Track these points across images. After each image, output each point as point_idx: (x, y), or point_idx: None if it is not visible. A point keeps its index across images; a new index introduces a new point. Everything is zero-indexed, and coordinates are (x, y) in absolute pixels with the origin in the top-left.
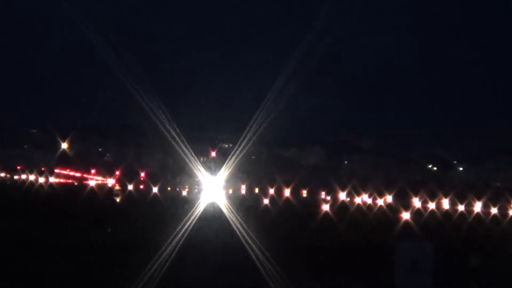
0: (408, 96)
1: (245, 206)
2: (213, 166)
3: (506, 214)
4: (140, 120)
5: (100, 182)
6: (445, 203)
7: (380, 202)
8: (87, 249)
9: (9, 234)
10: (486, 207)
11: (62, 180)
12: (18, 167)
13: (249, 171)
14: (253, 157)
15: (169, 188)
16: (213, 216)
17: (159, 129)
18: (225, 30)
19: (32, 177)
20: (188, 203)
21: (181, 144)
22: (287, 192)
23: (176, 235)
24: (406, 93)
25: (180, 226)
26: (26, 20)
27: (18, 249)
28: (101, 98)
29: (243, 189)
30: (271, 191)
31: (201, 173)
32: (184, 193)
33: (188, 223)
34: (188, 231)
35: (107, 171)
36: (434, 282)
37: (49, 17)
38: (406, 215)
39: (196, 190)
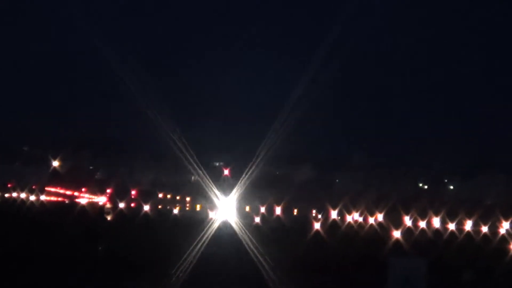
0: (399, 114)
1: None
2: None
3: (497, 232)
4: (138, 137)
5: (91, 200)
6: (436, 221)
7: (371, 220)
8: (77, 265)
9: None
10: (477, 225)
11: (53, 198)
12: (9, 185)
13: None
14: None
15: (160, 206)
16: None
17: (153, 146)
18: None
19: (23, 195)
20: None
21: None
22: (278, 210)
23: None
24: (397, 111)
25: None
26: (14, 37)
27: (5, 267)
28: (95, 115)
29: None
30: (262, 209)
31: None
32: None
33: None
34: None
35: (98, 189)
36: None
37: (38, 34)
38: (397, 233)
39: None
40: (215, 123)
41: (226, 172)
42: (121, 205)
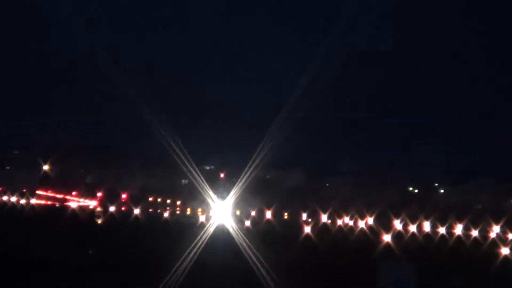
0: (389, 117)
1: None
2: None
3: (487, 236)
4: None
5: (81, 203)
6: (427, 225)
7: (361, 224)
8: (67, 269)
9: None
10: (467, 229)
11: (43, 202)
12: (0, 188)
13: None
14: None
15: (150, 210)
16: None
17: (144, 150)
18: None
19: (13, 199)
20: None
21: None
22: (268, 214)
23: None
24: (387, 114)
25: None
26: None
27: None
28: (86, 119)
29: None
30: (253, 213)
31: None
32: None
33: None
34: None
35: (88, 193)
36: None
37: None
38: (387, 237)
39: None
40: (208, 127)
41: (222, 175)
42: (112, 208)
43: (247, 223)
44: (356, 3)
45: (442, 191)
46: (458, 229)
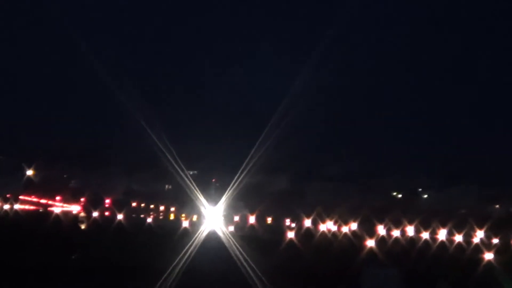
0: (373, 123)
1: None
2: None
3: (470, 241)
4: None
5: (65, 208)
6: (410, 230)
7: (345, 229)
8: (51, 274)
9: None
10: (450, 234)
11: (27, 207)
12: None
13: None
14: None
15: (133, 215)
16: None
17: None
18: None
19: None
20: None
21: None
22: (252, 219)
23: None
24: (371, 120)
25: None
26: None
27: None
28: (70, 124)
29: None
30: (236, 218)
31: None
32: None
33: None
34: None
35: (72, 198)
36: None
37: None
38: (371, 242)
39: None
40: (194, 132)
41: (212, 180)
42: (95, 214)
43: (231, 228)
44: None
45: (425, 196)
46: (442, 234)
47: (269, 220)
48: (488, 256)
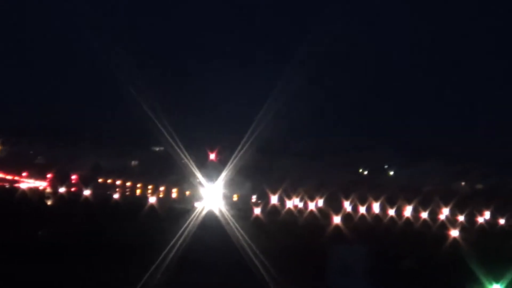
0: (339, 99)
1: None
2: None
3: (436, 218)
4: (80, 122)
5: (31, 185)
6: (376, 207)
7: (311, 206)
8: (17, 250)
9: None
10: (416, 211)
11: None
12: None
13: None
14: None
15: (100, 191)
16: None
17: (94, 130)
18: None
19: None
20: None
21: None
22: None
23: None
24: (337, 96)
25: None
26: None
27: None
28: (35, 100)
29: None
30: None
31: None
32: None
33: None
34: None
35: (38, 174)
36: (366, 284)
37: None
38: (337, 219)
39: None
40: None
41: (212, 156)
42: (62, 190)
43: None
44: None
45: (392, 173)
46: (408, 211)
47: (235, 197)
48: (454, 233)
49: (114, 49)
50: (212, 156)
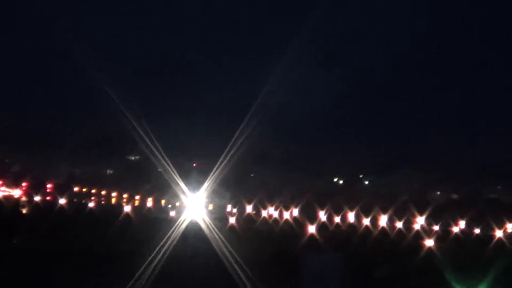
0: (315, 108)
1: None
2: None
3: (411, 227)
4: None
5: (6, 193)
6: (351, 216)
7: (286, 215)
8: None
9: None
10: (391, 220)
11: None
12: None
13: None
14: None
15: (75, 200)
16: None
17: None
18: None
19: None
20: None
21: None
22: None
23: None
24: (313, 105)
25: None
26: None
27: None
28: (11, 107)
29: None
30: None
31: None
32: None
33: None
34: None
35: (13, 182)
36: None
37: None
38: (312, 228)
39: None
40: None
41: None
42: (37, 198)
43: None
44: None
45: (367, 182)
46: (383, 220)
47: (211, 206)
48: (429, 243)
49: (91, 57)
50: (190, 166)
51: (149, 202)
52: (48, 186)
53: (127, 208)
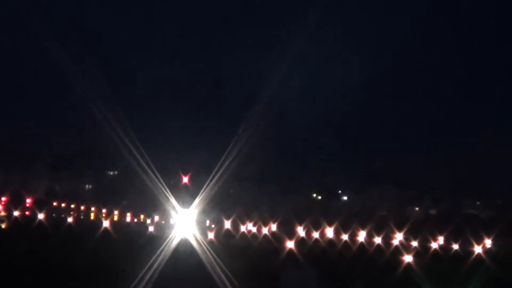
0: (293, 125)
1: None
2: None
3: (390, 243)
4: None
5: None
6: (330, 232)
7: (265, 230)
8: None
9: None
10: (369, 235)
11: None
12: None
13: None
14: None
15: (54, 215)
16: None
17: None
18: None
19: None
20: None
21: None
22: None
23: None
24: (291, 122)
25: None
26: None
27: None
28: None
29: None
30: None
31: None
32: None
33: None
34: None
35: None
36: None
37: None
38: (290, 243)
39: None
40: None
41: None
42: (16, 213)
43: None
44: None
45: (345, 198)
46: (361, 236)
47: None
48: (407, 258)
49: (71, 69)
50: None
51: (128, 217)
52: (28, 201)
53: (106, 223)
